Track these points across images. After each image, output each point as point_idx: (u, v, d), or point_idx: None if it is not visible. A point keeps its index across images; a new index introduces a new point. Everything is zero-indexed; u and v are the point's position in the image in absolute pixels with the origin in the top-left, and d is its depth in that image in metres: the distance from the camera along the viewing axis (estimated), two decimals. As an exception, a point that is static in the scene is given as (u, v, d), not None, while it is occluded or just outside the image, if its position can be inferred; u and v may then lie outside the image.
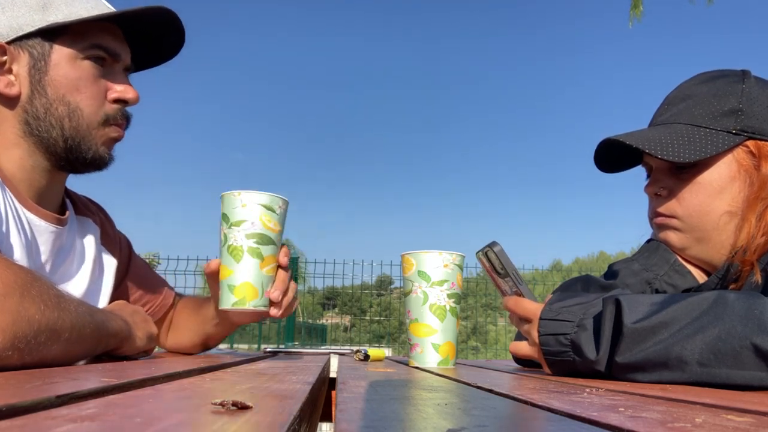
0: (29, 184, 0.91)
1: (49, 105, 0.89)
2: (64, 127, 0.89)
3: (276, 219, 0.90)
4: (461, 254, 0.97)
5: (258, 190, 0.89)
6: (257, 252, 0.88)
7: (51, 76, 0.88)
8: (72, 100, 0.89)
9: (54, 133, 0.89)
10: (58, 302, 0.65)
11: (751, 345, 0.60)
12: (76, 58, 0.90)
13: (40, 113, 0.89)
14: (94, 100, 0.91)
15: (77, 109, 0.90)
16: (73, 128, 0.90)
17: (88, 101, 0.91)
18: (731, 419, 0.34)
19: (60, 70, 0.89)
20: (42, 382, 0.42)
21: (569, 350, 0.73)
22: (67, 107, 0.89)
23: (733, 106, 0.91)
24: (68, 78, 0.89)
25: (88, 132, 0.91)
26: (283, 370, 0.70)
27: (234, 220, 0.88)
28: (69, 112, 0.89)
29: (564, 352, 0.74)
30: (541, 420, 0.34)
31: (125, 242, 1.19)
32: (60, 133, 0.89)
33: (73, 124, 0.90)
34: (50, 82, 0.89)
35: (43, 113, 0.89)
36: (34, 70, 0.88)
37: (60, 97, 0.89)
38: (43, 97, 0.89)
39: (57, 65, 0.89)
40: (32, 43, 0.88)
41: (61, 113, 0.89)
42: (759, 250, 0.86)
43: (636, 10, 8.06)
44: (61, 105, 0.89)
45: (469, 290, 7.47)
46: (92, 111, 0.91)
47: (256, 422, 0.28)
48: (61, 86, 0.89)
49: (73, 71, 0.89)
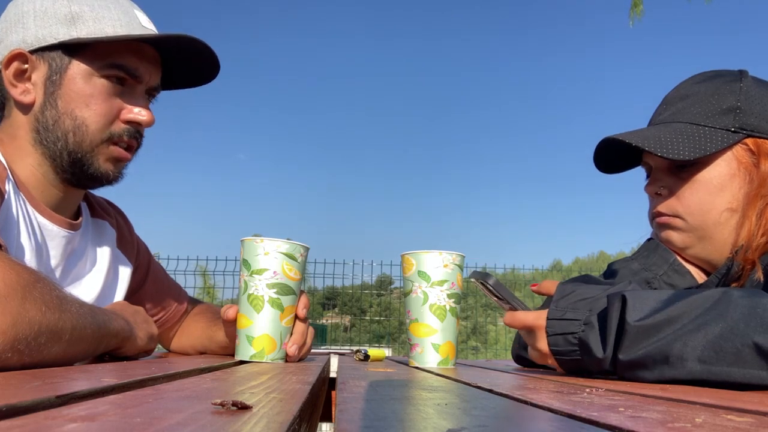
0: (42, 191, 0.92)
1: (58, 117, 0.90)
2: (68, 140, 0.90)
3: (297, 267, 0.89)
4: (461, 254, 0.97)
5: (278, 238, 0.88)
6: (278, 303, 0.87)
7: (64, 90, 0.89)
8: (79, 115, 0.90)
9: (59, 145, 0.90)
10: (59, 303, 0.65)
11: (753, 343, 0.60)
12: (93, 75, 0.90)
13: (49, 124, 0.90)
14: (102, 117, 0.91)
15: (83, 124, 0.90)
16: (76, 143, 0.90)
17: (95, 118, 0.90)
18: (731, 419, 0.34)
19: (74, 84, 0.89)
20: (42, 382, 0.42)
21: (577, 349, 0.73)
22: (74, 122, 0.90)
23: (732, 104, 0.91)
24: (80, 93, 0.90)
25: (90, 148, 0.91)
26: (283, 370, 0.70)
27: (255, 268, 0.87)
28: (74, 126, 0.90)
29: (572, 351, 0.74)
30: (541, 420, 0.34)
31: (143, 247, 1.19)
32: (64, 146, 0.90)
33: (77, 138, 0.90)
34: (62, 95, 0.89)
35: (52, 125, 0.90)
36: (50, 82, 0.89)
37: (69, 111, 0.90)
38: (54, 109, 0.90)
39: (72, 80, 0.89)
40: (53, 55, 0.89)
41: (67, 127, 0.90)
42: (760, 249, 0.86)
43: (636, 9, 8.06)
44: (68, 119, 0.90)
45: (469, 290, 7.47)
46: (98, 128, 0.91)
47: (256, 422, 0.28)
48: (71, 100, 0.90)
49: (87, 87, 0.90)
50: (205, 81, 1.07)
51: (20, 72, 0.89)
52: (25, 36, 0.89)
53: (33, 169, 0.91)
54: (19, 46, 0.89)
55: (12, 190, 0.86)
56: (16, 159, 0.91)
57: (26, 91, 0.90)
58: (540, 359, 0.80)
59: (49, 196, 0.93)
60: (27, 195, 0.89)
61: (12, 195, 0.85)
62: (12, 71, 0.89)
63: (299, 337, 0.90)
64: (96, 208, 1.08)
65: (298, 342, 0.90)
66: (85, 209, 1.04)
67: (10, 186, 0.86)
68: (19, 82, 0.90)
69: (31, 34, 0.89)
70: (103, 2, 0.91)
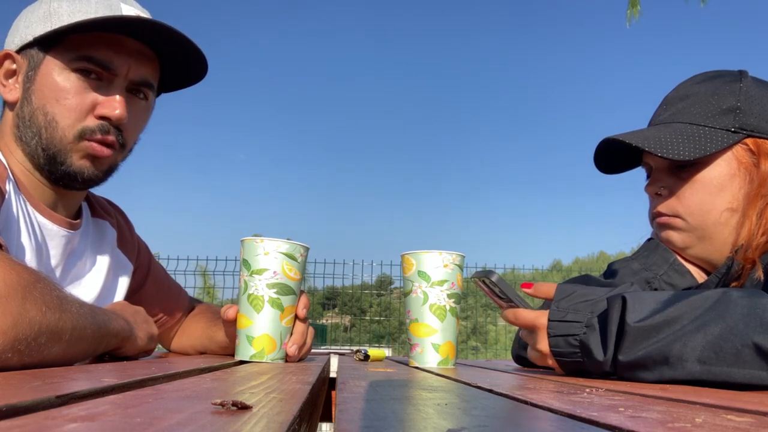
0: (36, 190, 0.92)
1: (32, 113, 0.90)
2: (42, 136, 0.89)
3: (297, 267, 0.89)
4: (461, 254, 0.97)
5: (278, 238, 0.88)
6: (278, 303, 0.87)
7: (37, 85, 0.89)
8: (50, 111, 0.88)
9: (34, 141, 0.89)
10: (60, 303, 0.65)
11: (753, 344, 0.60)
12: (64, 69, 0.89)
13: (26, 120, 0.90)
14: (72, 112, 0.88)
15: (53, 120, 0.88)
16: (48, 139, 0.89)
17: (65, 113, 0.88)
18: (731, 419, 0.34)
19: (46, 79, 0.89)
20: (42, 382, 0.42)
21: (578, 351, 0.73)
22: (45, 117, 0.89)
23: (732, 105, 0.91)
24: (51, 88, 0.89)
25: (63, 145, 0.89)
26: (283, 370, 0.70)
27: (255, 268, 0.87)
28: (46, 122, 0.89)
29: (573, 353, 0.74)
30: (541, 420, 0.34)
31: (144, 248, 1.19)
32: (38, 142, 0.89)
33: (48, 134, 0.89)
34: (35, 90, 0.90)
35: (28, 120, 0.90)
36: (26, 78, 0.90)
37: (41, 107, 0.89)
38: (29, 105, 0.90)
39: (45, 75, 0.89)
40: (32, 52, 0.90)
41: (40, 122, 0.89)
42: (761, 248, 0.86)
43: (634, 9, 8.05)
44: (41, 114, 0.89)
45: (469, 290, 7.47)
46: (68, 124, 0.88)
47: (256, 422, 0.28)
48: (43, 96, 0.89)
49: (58, 82, 0.88)
50: (195, 80, 1.05)
51: (11, 72, 0.92)
52: (14, 38, 0.92)
53: (21, 167, 0.92)
54: (8, 48, 0.92)
55: (12, 190, 0.86)
56: (7, 157, 0.91)
57: (12, 89, 0.92)
58: (540, 360, 0.80)
59: (43, 194, 0.93)
60: (27, 195, 0.90)
61: (12, 195, 0.85)
62: (2, 72, 0.92)
63: (299, 337, 0.90)
64: (96, 208, 1.08)
65: (298, 342, 0.90)
66: (85, 209, 1.04)
67: (11, 186, 0.86)
68: (8, 81, 0.92)
69: (19, 35, 0.91)
70: None
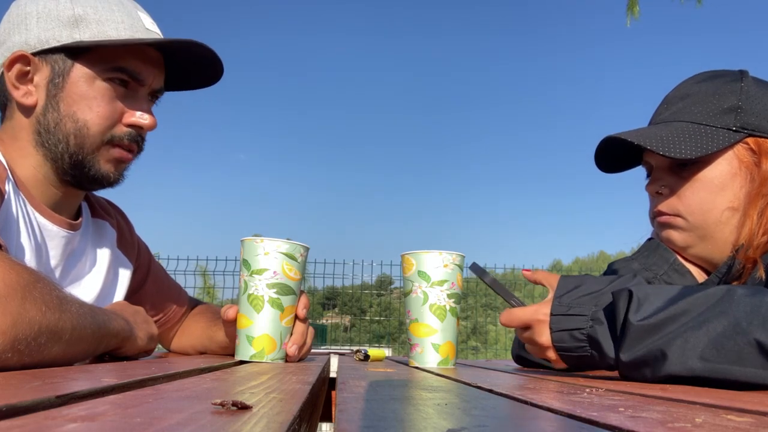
0: (42, 191, 0.92)
1: (59, 120, 0.90)
2: (70, 143, 0.90)
3: (297, 267, 0.89)
4: (461, 254, 0.97)
5: (278, 238, 0.88)
6: (278, 303, 0.87)
7: (66, 93, 0.89)
8: (81, 118, 0.90)
9: (60, 147, 0.90)
10: (59, 303, 0.65)
11: (755, 341, 0.60)
12: (96, 78, 0.90)
13: (50, 126, 0.90)
14: (104, 120, 0.91)
15: (84, 127, 0.90)
16: (77, 145, 0.90)
17: (97, 120, 0.90)
18: (731, 419, 0.34)
19: (76, 87, 0.89)
20: (42, 382, 0.42)
21: (586, 345, 0.72)
22: (75, 124, 0.90)
23: (733, 104, 0.91)
24: (82, 96, 0.89)
25: (91, 150, 0.91)
26: (283, 370, 0.70)
27: (255, 268, 0.87)
28: (76, 129, 0.90)
29: (580, 347, 0.73)
30: (541, 420, 0.34)
31: (144, 248, 1.19)
32: (65, 148, 0.90)
33: (78, 141, 0.90)
34: (64, 98, 0.89)
35: (53, 127, 0.90)
36: (52, 85, 0.89)
37: (71, 114, 0.90)
38: (56, 112, 0.90)
39: (75, 83, 0.89)
40: (56, 57, 0.89)
41: (69, 129, 0.90)
42: (762, 247, 0.86)
43: (633, 9, 8.05)
44: (70, 121, 0.90)
45: (469, 290, 7.47)
46: (99, 131, 0.91)
47: (256, 422, 0.28)
48: (74, 103, 0.89)
49: (90, 90, 0.90)
50: (208, 84, 1.06)
51: (23, 74, 0.89)
52: (28, 38, 0.89)
53: (34, 170, 0.91)
54: (21, 48, 0.89)
55: (12, 191, 0.86)
56: (17, 160, 0.91)
57: (28, 93, 0.90)
58: (539, 353, 0.80)
59: (49, 196, 0.93)
60: (27, 195, 0.89)
61: (12, 195, 0.85)
62: (14, 73, 0.89)
63: (299, 337, 0.90)
64: (96, 209, 1.08)
65: (298, 342, 0.90)
66: (85, 209, 1.04)
67: (10, 186, 0.86)
68: (22, 84, 0.90)
69: (33, 36, 0.89)
70: (107, 4, 0.91)
